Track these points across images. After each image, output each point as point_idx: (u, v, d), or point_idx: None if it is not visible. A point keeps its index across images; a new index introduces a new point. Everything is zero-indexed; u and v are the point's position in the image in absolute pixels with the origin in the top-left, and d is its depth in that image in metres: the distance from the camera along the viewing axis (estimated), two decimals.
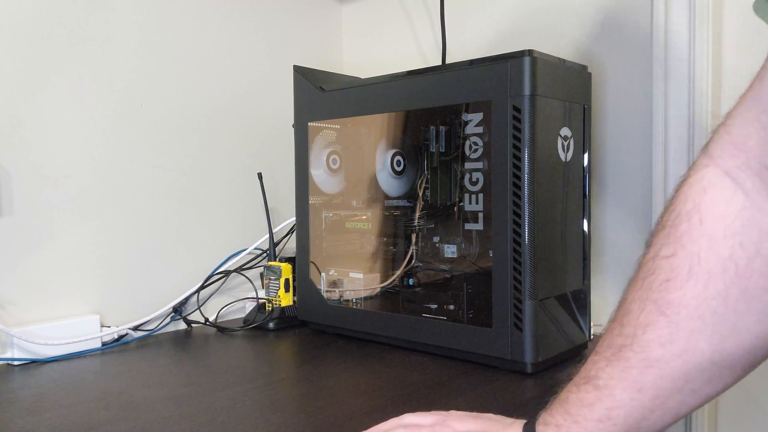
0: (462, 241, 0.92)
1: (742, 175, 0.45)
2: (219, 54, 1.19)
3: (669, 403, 0.48)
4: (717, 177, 0.47)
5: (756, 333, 0.45)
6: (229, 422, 0.67)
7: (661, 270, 0.47)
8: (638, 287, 0.49)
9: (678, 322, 0.46)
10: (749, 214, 0.45)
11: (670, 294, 0.46)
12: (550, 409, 0.53)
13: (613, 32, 1.02)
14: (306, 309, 1.08)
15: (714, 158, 0.47)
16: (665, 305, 0.47)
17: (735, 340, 0.46)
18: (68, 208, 0.99)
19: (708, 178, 0.47)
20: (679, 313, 0.46)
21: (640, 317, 0.48)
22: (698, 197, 0.47)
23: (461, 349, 0.87)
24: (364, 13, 1.39)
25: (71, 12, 0.99)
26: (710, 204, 0.46)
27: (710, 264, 0.45)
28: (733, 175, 0.46)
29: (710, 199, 0.46)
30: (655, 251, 0.48)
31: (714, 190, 0.46)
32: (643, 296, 0.48)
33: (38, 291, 0.96)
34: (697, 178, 0.48)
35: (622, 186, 1.03)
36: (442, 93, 0.88)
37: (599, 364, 0.50)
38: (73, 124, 1.00)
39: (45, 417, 0.70)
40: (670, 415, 0.49)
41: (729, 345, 0.46)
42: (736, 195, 0.45)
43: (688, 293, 0.46)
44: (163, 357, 0.95)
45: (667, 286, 0.47)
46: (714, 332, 0.45)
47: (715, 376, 0.47)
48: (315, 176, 1.08)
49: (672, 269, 0.47)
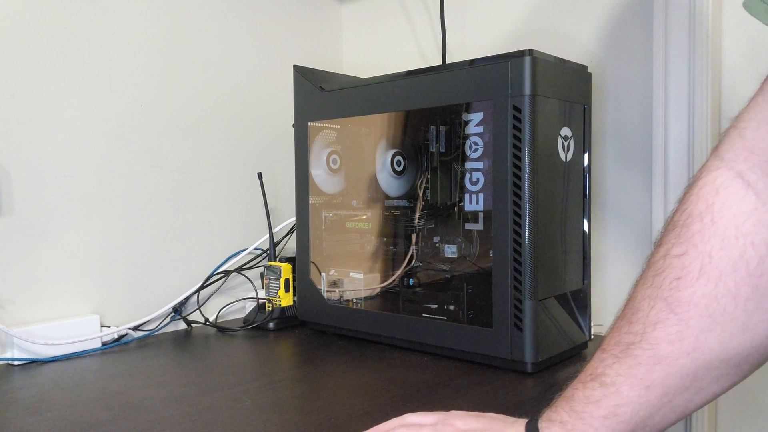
0: (462, 241, 0.92)
1: (754, 176, 0.46)
2: (219, 54, 1.19)
3: (676, 400, 0.48)
4: (729, 179, 0.47)
5: (765, 331, 0.46)
6: (229, 422, 0.67)
7: (671, 268, 0.48)
8: (648, 285, 0.49)
9: (688, 320, 0.46)
10: (761, 214, 0.45)
11: (680, 292, 0.47)
12: (554, 407, 0.53)
13: (614, 32, 1.02)
14: (306, 309, 1.08)
15: (726, 160, 0.48)
16: (675, 303, 0.47)
17: (744, 337, 0.46)
18: (68, 208, 0.99)
19: (720, 179, 0.48)
20: (689, 311, 0.46)
21: (650, 315, 0.48)
22: (711, 198, 0.47)
23: (461, 349, 0.87)
24: (364, 13, 1.39)
25: (71, 12, 0.99)
26: (723, 205, 0.47)
27: (722, 263, 0.46)
28: (745, 177, 0.46)
29: (723, 200, 0.47)
30: (666, 250, 0.49)
31: (727, 192, 0.47)
32: (653, 294, 0.48)
33: (38, 291, 0.96)
34: (708, 179, 0.48)
35: (622, 186, 1.03)
36: (442, 93, 0.88)
37: (606, 362, 0.50)
38: (73, 124, 1.00)
39: (45, 417, 0.70)
40: (676, 413, 0.49)
41: (738, 343, 0.46)
42: (748, 196, 0.46)
43: (699, 291, 0.46)
44: (163, 357, 0.95)
45: (678, 284, 0.47)
46: (724, 330, 0.46)
47: (723, 375, 0.48)
48: (315, 176, 1.08)
49: (683, 268, 0.47)
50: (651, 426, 0.49)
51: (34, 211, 0.96)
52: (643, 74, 0.99)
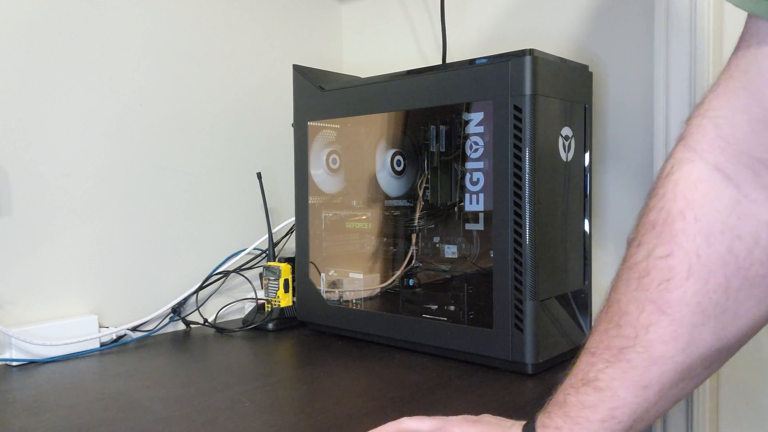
0: (462, 242, 0.91)
1: (732, 168, 0.45)
2: (218, 53, 1.19)
3: (671, 392, 0.49)
4: (706, 172, 0.46)
5: (755, 316, 0.46)
6: (229, 423, 0.67)
7: (657, 270, 0.47)
8: (633, 288, 0.48)
9: (680, 319, 0.46)
10: (744, 206, 0.45)
11: (670, 293, 0.46)
12: (547, 412, 0.53)
13: (615, 31, 1.02)
14: (305, 309, 1.07)
15: (699, 152, 0.46)
16: (666, 305, 0.46)
17: (736, 325, 0.46)
18: (67, 208, 0.99)
19: (696, 173, 0.46)
20: (681, 310, 0.46)
21: (640, 318, 0.47)
22: (690, 194, 0.46)
23: (462, 350, 0.87)
24: (364, 13, 1.39)
25: (71, 12, 0.99)
26: (703, 200, 0.46)
27: (710, 260, 0.45)
28: (723, 169, 0.45)
29: (703, 195, 0.46)
30: (648, 250, 0.48)
31: (705, 186, 0.46)
32: (640, 297, 0.48)
33: (37, 291, 0.96)
34: (683, 174, 0.47)
35: (623, 185, 1.02)
36: (443, 92, 0.88)
37: (597, 366, 0.50)
38: (72, 124, 0.99)
39: (43, 418, 0.69)
40: (671, 402, 0.50)
41: (730, 331, 0.47)
42: (728, 189, 0.45)
43: (690, 290, 0.46)
44: (161, 358, 0.95)
45: (667, 286, 0.46)
46: (717, 322, 0.46)
47: (714, 361, 0.48)
48: (315, 176, 1.07)
49: (670, 269, 0.46)
50: (648, 419, 0.50)
51: (33, 211, 0.95)
52: (645, 74, 0.99)
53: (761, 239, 0.45)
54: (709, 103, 0.46)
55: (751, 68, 0.43)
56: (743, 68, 0.44)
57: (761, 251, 0.45)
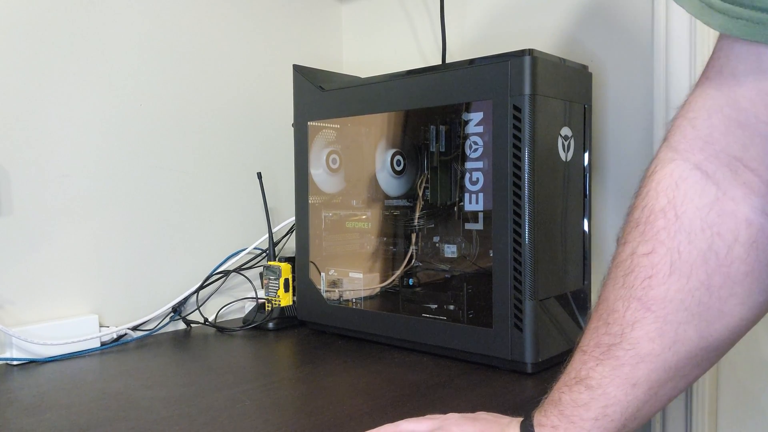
0: (462, 241, 0.92)
1: (711, 167, 0.46)
2: (219, 53, 1.19)
3: (662, 391, 0.49)
4: (687, 171, 0.47)
5: (740, 314, 0.47)
6: (229, 422, 0.67)
7: (641, 267, 0.48)
8: (619, 285, 0.49)
9: (665, 316, 0.47)
10: (723, 204, 0.46)
11: (653, 290, 0.47)
12: (543, 410, 0.53)
13: (614, 31, 1.02)
14: (305, 309, 1.08)
15: (680, 152, 0.48)
16: (650, 302, 0.47)
17: (721, 323, 0.47)
18: (67, 208, 0.99)
19: (678, 172, 0.47)
20: (665, 307, 0.47)
21: (626, 315, 0.48)
22: (671, 192, 0.47)
23: (461, 350, 0.87)
24: (364, 13, 1.39)
25: (71, 12, 0.99)
26: (684, 198, 0.47)
27: (691, 257, 0.46)
28: (703, 168, 0.46)
29: (683, 193, 0.47)
30: (632, 248, 0.49)
31: (686, 185, 0.47)
32: (625, 294, 0.49)
33: (37, 291, 0.96)
34: (665, 173, 0.48)
35: (623, 186, 1.03)
36: (442, 92, 0.88)
37: (588, 364, 0.50)
38: (72, 124, 0.99)
39: (44, 417, 0.70)
40: (662, 401, 0.50)
41: (715, 329, 0.47)
42: (708, 187, 0.46)
43: (672, 287, 0.47)
44: (162, 357, 0.95)
45: (650, 283, 0.47)
46: (701, 320, 0.47)
47: (704, 360, 0.49)
48: (315, 176, 1.07)
49: (653, 266, 0.47)
50: (640, 418, 0.50)
51: (33, 211, 0.95)
52: (644, 74, 0.99)
53: (740, 236, 0.45)
54: (689, 105, 0.48)
55: (725, 69, 0.45)
56: (717, 69, 0.45)
57: (741, 248, 0.45)
